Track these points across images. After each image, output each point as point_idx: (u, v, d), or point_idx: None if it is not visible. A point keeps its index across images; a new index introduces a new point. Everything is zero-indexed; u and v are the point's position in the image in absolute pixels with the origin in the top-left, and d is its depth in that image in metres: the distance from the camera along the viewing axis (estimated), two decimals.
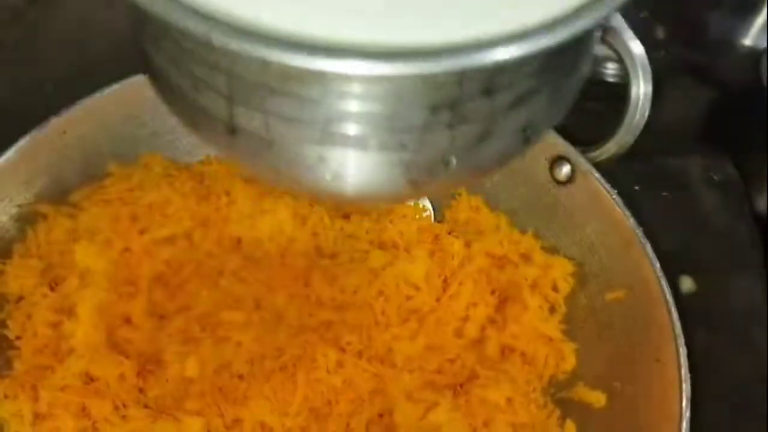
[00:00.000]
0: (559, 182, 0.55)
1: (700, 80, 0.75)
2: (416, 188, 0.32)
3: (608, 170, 0.54)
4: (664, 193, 0.68)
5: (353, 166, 0.30)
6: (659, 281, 0.46)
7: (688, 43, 0.78)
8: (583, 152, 0.54)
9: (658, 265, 0.47)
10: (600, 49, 0.71)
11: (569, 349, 0.52)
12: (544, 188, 0.56)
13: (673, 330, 0.44)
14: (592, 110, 0.54)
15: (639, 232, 0.49)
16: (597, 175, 0.52)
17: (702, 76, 0.75)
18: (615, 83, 0.70)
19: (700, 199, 0.68)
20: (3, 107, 0.62)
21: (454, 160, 0.31)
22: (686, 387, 0.41)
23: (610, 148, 0.53)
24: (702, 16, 0.79)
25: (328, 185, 0.31)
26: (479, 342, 0.55)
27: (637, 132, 0.53)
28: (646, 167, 0.67)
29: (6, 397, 0.48)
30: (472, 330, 0.55)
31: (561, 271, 0.54)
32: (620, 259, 0.50)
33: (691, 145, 0.71)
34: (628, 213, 0.50)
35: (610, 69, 0.72)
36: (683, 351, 0.43)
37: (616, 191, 0.51)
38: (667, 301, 0.45)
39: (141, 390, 0.50)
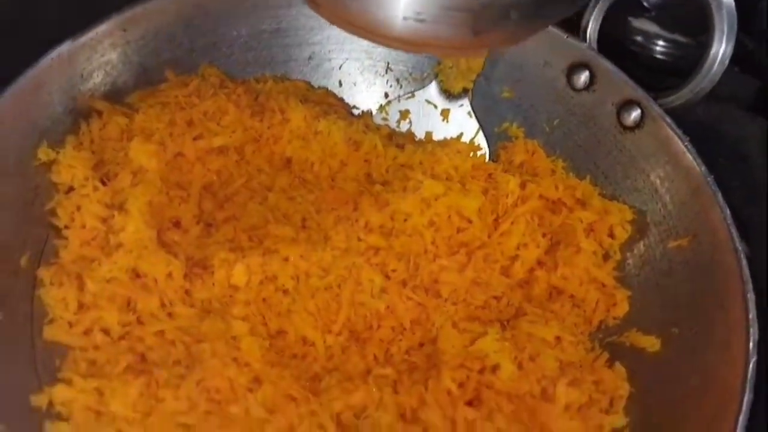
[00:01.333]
0: (625, 128, 0.54)
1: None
2: (478, 38, 0.35)
3: None
4: (721, 160, 0.67)
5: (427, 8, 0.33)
6: (729, 228, 0.45)
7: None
8: (656, 98, 0.53)
9: (728, 211, 0.46)
10: (650, 27, 0.71)
11: (622, 295, 0.51)
12: (609, 134, 0.55)
13: (741, 276, 0.43)
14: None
15: (710, 179, 0.47)
16: (668, 120, 0.51)
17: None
18: (663, 60, 0.68)
19: (756, 168, 0.66)
20: None
21: (515, 14, 0.34)
22: (753, 331, 0.40)
23: (685, 93, 0.52)
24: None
25: (399, 24, 0.34)
26: (527, 283, 0.54)
27: (715, 79, 0.52)
28: (704, 133, 0.66)
29: (51, 284, 0.48)
30: (520, 270, 0.53)
31: (619, 217, 0.53)
32: (686, 206, 0.49)
33: (751, 116, 0.70)
34: (699, 160, 0.48)
35: (659, 46, 0.70)
36: (751, 296, 0.42)
37: (688, 138, 0.50)
38: (736, 248, 0.44)
39: (187, 292, 0.49)
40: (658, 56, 0.69)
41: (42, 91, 0.51)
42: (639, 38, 0.68)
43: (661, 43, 0.69)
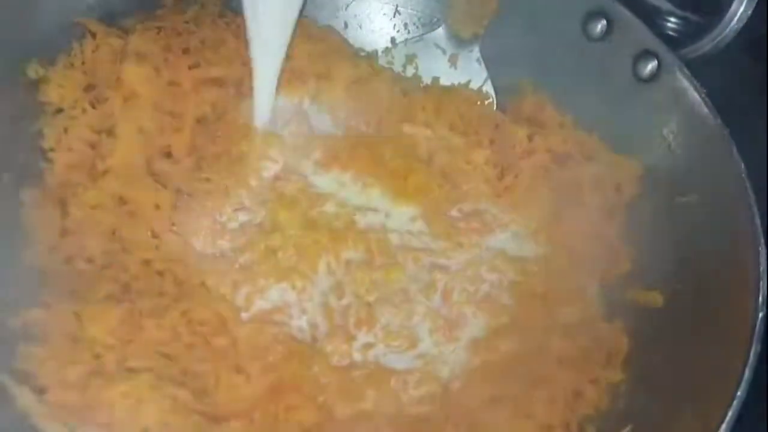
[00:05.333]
0: (641, 80, 0.51)
1: None
2: None
3: None
4: None
5: None
6: (744, 182, 0.43)
7: None
8: (673, 49, 0.51)
9: (742, 165, 0.44)
10: (662, 4, 0.69)
11: (625, 252, 0.49)
12: (622, 86, 0.52)
13: (754, 230, 0.41)
14: None
15: (726, 132, 0.45)
16: (686, 71, 0.48)
17: None
18: (674, 37, 0.66)
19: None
20: None
21: None
22: (763, 284, 0.38)
23: (705, 44, 0.50)
24: None
25: None
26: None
27: (737, 29, 0.49)
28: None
29: (34, 206, 0.46)
30: None
31: (627, 172, 0.51)
32: (700, 161, 0.47)
33: None
34: (715, 112, 0.46)
35: (671, 23, 0.68)
36: (763, 251, 0.40)
37: (705, 90, 0.48)
38: (750, 204, 0.42)
39: (174, 224, 0.47)
40: (670, 33, 0.68)
41: (35, 5, 0.48)
42: (651, 15, 0.66)
43: (672, 20, 0.67)
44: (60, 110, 0.48)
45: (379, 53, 0.59)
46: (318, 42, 0.56)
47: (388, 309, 0.48)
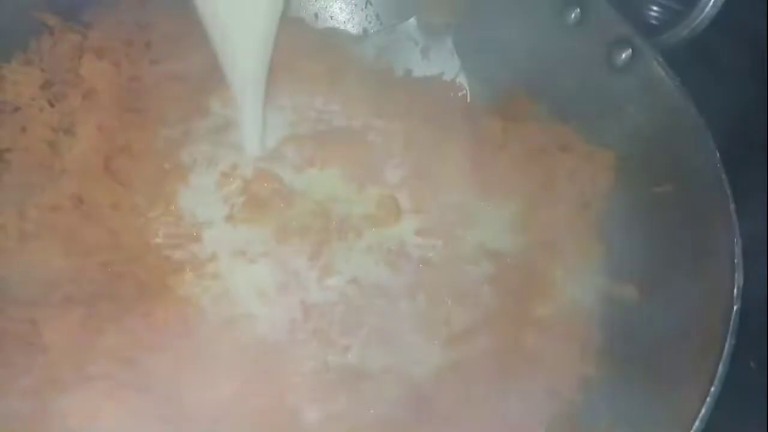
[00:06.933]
0: (615, 69, 0.50)
1: None
2: None
3: None
4: None
5: None
6: (720, 172, 0.42)
7: None
8: (649, 36, 0.49)
9: (717, 155, 0.43)
10: None
11: (598, 243, 0.48)
12: (596, 75, 0.51)
13: (729, 220, 0.40)
14: None
15: (701, 121, 0.44)
16: (660, 60, 0.47)
17: None
18: (656, 25, 0.65)
19: None
20: None
21: None
22: (738, 276, 0.38)
23: (681, 31, 0.49)
24: None
25: None
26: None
27: (711, 15, 0.48)
28: None
29: None
30: None
31: (602, 162, 0.50)
32: (675, 149, 0.46)
33: None
34: (690, 102, 0.45)
35: (654, 12, 0.67)
36: (738, 241, 0.39)
37: (679, 78, 0.47)
38: (725, 192, 0.41)
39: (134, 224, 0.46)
40: (652, 21, 0.67)
41: None
42: (633, 2, 0.65)
43: (655, 8, 0.66)
44: (17, 109, 0.47)
45: (351, 45, 0.58)
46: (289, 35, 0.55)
47: (368, 310, 0.46)
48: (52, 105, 0.47)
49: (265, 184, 0.49)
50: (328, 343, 0.44)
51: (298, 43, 0.55)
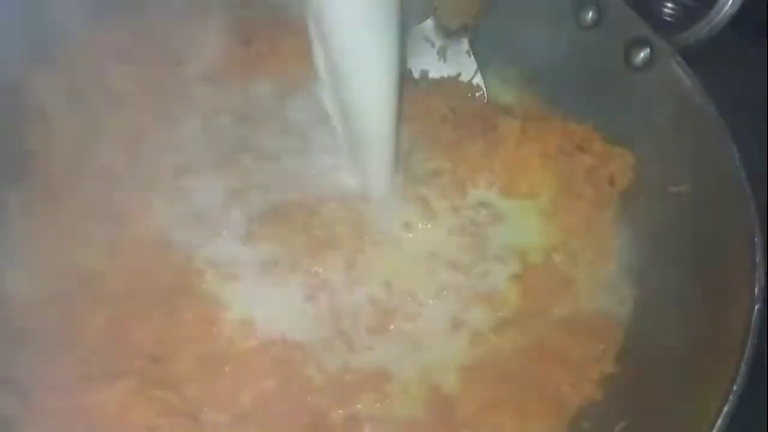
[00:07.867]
0: (633, 68, 0.50)
1: None
2: None
3: None
4: None
5: None
6: (739, 171, 0.42)
7: None
8: (669, 35, 0.50)
9: (737, 154, 0.43)
10: None
11: (619, 243, 0.48)
12: (614, 75, 0.51)
13: (749, 219, 0.40)
14: None
15: (721, 120, 0.45)
16: (679, 59, 0.47)
17: None
18: (674, 24, 0.65)
19: None
20: None
21: None
22: (759, 275, 0.38)
23: (701, 29, 0.49)
24: None
25: None
26: None
27: (731, 15, 0.49)
28: None
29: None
30: None
31: (620, 162, 0.50)
32: (695, 149, 0.46)
33: None
34: (709, 101, 0.45)
35: (668, 8, 0.67)
36: (758, 241, 0.39)
37: (697, 78, 0.47)
38: (745, 193, 0.41)
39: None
40: (667, 18, 0.67)
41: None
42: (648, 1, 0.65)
43: (669, 5, 0.66)
44: (43, 112, 0.48)
45: None
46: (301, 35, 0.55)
47: (394, 311, 0.46)
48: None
49: None
50: (352, 343, 0.45)
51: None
